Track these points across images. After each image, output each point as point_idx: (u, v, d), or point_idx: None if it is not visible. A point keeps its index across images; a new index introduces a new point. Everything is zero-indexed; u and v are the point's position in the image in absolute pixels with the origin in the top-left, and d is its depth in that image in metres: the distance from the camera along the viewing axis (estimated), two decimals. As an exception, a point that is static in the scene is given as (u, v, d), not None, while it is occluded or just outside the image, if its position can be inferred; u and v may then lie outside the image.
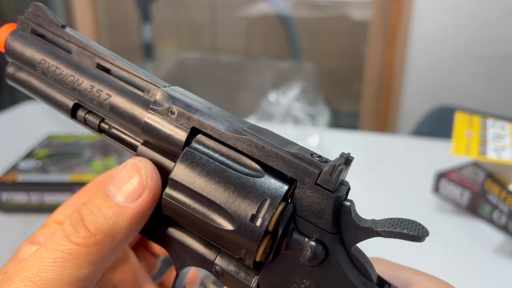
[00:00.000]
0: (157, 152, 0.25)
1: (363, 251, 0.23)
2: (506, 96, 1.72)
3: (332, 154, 0.23)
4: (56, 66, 0.26)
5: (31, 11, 0.27)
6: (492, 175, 0.73)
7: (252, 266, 0.22)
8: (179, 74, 1.96)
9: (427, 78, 1.80)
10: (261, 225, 0.21)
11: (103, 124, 0.27)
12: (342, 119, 2.36)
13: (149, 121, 0.25)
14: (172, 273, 0.34)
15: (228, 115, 0.24)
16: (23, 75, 0.28)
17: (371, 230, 0.21)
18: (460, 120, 0.76)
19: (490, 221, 0.72)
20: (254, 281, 0.23)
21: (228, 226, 0.22)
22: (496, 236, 0.70)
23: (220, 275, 0.24)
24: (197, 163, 0.23)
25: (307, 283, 0.22)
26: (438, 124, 1.27)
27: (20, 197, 0.73)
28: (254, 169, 0.23)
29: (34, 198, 0.73)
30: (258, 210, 0.21)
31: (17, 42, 0.27)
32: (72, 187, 0.73)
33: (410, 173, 0.90)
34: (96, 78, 0.26)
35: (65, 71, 0.26)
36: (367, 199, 0.83)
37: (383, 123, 1.94)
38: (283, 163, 0.22)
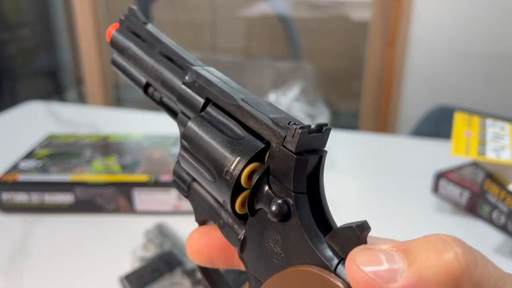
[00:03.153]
0: (187, 117, 0.31)
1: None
2: (506, 96, 1.73)
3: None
4: (135, 53, 0.34)
5: (128, 13, 0.36)
6: (492, 175, 0.73)
7: (234, 215, 0.26)
8: (179, 74, 1.95)
9: (427, 78, 1.80)
10: (231, 178, 0.25)
11: (163, 98, 0.34)
12: (342, 119, 2.36)
13: (181, 91, 0.31)
14: None
15: (238, 88, 0.29)
16: (119, 59, 0.37)
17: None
18: (459, 120, 0.77)
19: (490, 221, 0.72)
20: (242, 233, 0.27)
21: (212, 180, 0.26)
22: (495, 236, 0.71)
23: (221, 227, 0.28)
24: (199, 129, 0.28)
25: (277, 238, 0.24)
26: (437, 124, 1.27)
27: (20, 197, 0.73)
28: (239, 132, 0.27)
29: (35, 198, 0.73)
30: (231, 166, 0.25)
31: (118, 35, 0.36)
32: (72, 187, 0.73)
33: (410, 173, 0.91)
34: (157, 61, 0.33)
35: (140, 55, 0.34)
36: (367, 199, 0.83)
37: (383, 123, 1.94)
38: (261, 127, 0.25)
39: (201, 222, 0.31)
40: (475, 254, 0.18)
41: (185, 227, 0.70)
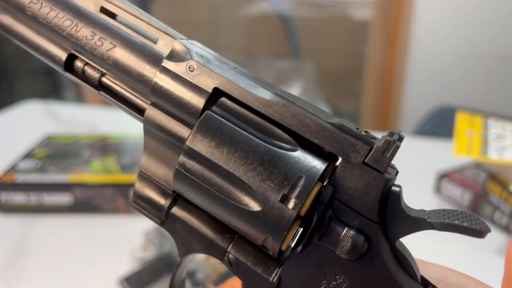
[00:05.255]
0: (169, 115, 0.21)
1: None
2: (508, 96, 1.72)
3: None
4: (50, 7, 0.22)
5: None
6: (494, 176, 0.72)
7: (276, 255, 0.19)
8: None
9: (428, 78, 1.79)
10: (293, 207, 0.18)
11: (104, 79, 0.23)
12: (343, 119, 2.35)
13: (160, 79, 0.21)
14: None
15: (257, 78, 0.21)
16: (7, 19, 0.23)
17: (423, 221, 0.18)
18: (461, 120, 0.76)
19: (492, 221, 0.72)
20: (274, 275, 0.20)
21: (253, 206, 0.19)
22: (497, 237, 0.70)
23: (234, 265, 0.21)
24: (218, 129, 0.19)
25: (340, 280, 0.19)
26: (439, 124, 1.27)
27: (19, 198, 0.73)
28: (287, 141, 0.19)
29: (33, 198, 0.73)
30: (291, 190, 0.18)
31: None
32: (71, 187, 0.72)
33: (412, 174, 0.90)
34: (99, 24, 0.22)
35: (61, 14, 0.22)
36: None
37: (384, 123, 1.93)
38: (323, 136, 0.19)
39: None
40: None
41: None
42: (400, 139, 0.19)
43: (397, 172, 0.19)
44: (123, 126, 1.06)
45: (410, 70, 1.80)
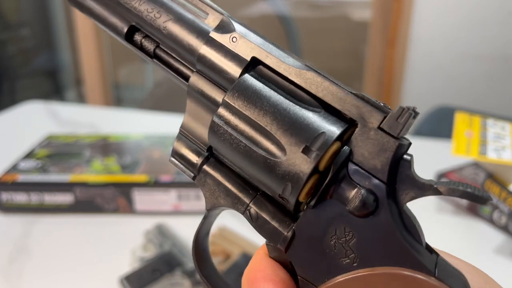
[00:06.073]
0: (211, 82, 0.24)
1: None
2: (507, 96, 1.72)
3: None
4: None
5: None
6: (492, 175, 0.73)
7: (293, 205, 0.21)
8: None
9: (427, 78, 1.80)
10: (313, 158, 0.20)
11: (157, 50, 0.26)
12: (342, 119, 2.35)
13: (206, 49, 0.24)
14: None
15: (289, 53, 0.23)
16: None
17: (431, 186, 0.19)
18: (460, 120, 0.76)
19: (490, 221, 0.72)
20: (289, 229, 0.21)
21: (278, 156, 0.21)
22: (496, 236, 0.70)
23: (253, 219, 0.23)
24: (253, 89, 0.22)
25: (349, 236, 0.20)
26: (438, 124, 1.27)
27: (20, 197, 0.73)
28: (313, 105, 0.21)
29: (34, 198, 0.73)
30: (312, 143, 0.20)
31: None
32: (72, 187, 0.73)
33: (410, 173, 0.90)
34: (158, 1, 0.25)
35: None
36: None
37: (383, 123, 1.93)
38: (344, 103, 0.21)
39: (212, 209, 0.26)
40: None
41: (185, 227, 0.70)
42: (415, 112, 0.20)
43: (410, 143, 0.21)
44: (124, 126, 1.06)
45: (409, 70, 1.81)
